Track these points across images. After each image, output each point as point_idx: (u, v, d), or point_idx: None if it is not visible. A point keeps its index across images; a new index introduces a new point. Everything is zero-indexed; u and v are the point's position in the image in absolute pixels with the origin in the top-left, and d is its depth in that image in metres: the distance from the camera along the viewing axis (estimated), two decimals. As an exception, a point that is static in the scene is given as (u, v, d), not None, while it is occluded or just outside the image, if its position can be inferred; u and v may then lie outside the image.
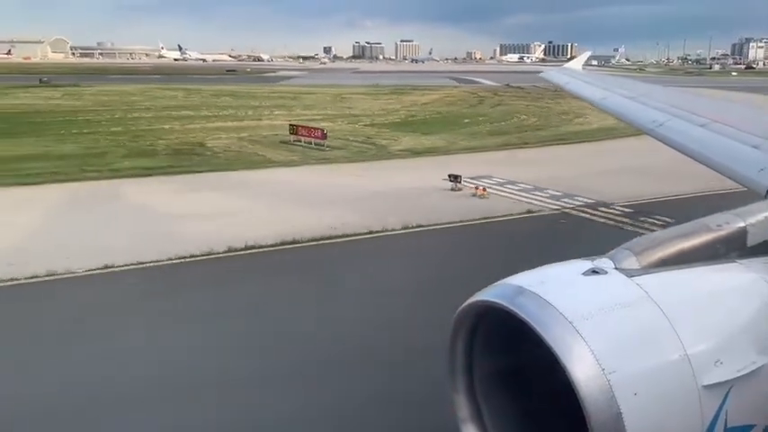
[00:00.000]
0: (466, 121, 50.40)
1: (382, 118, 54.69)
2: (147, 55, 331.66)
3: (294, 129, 40.03)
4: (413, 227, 21.30)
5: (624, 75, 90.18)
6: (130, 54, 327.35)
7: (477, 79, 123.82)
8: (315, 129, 39.18)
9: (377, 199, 25.28)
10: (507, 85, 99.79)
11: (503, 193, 25.99)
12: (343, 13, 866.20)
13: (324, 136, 37.29)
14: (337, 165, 33.87)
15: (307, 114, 55.90)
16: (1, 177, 27.83)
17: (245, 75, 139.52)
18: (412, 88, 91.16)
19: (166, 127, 46.44)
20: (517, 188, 26.87)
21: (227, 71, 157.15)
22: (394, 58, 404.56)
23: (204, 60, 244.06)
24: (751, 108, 11.86)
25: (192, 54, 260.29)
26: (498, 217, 22.69)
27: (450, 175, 26.59)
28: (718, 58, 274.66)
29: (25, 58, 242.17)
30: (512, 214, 23.25)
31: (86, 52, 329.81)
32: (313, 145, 37.59)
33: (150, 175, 30.36)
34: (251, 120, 52.23)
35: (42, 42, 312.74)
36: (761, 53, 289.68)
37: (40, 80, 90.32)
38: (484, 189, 25.72)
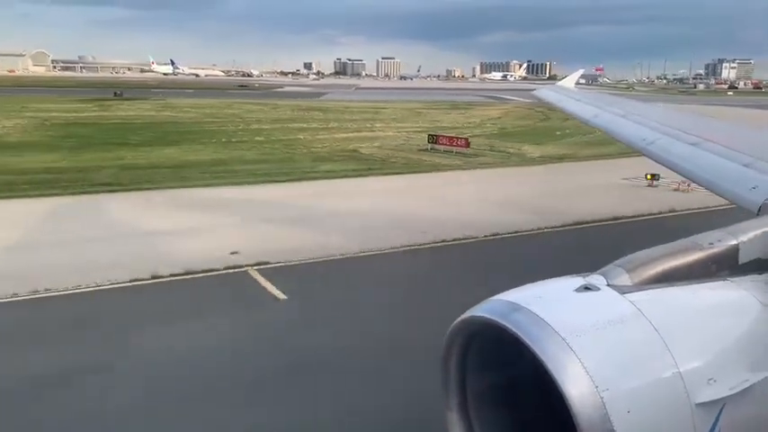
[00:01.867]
0: (557, 133, 53.46)
1: (477, 130, 55.90)
2: (129, 69, 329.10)
3: (434, 138, 42.20)
4: (661, 212, 24.25)
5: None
6: (113, 68, 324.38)
7: (506, 96, 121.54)
8: (458, 138, 42.60)
9: (598, 190, 28.53)
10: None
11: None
12: (321, 30, 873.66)
13: (468, 144, 40.74)
14: (503, 168, 36.02)
15: (406, 126, 57.76)
16: (231, 176, 30.27)
17: (262, 90, 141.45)
18: (452, 105, 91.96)
19: (300, 137, 47.48)
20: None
21: (240, 86, 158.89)
22: (375, 74, 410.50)
23: (197, 75, 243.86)
24: (741, 126, 11.87)
25: (185, 69, 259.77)
26: (719, 206, 26.33)
27: (648, 174, 29.05)
28: (696, 78, 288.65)
29: (9, 71, 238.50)
30: (721, 205, 27.13)
31: (68, 66, 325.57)
32: (454, 153, 39.86)
33: (365, 175, 32.14)
34: (365, 131, 53.11)
35: (23, 55, 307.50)
36: (733, 73, 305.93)
37: (115, 93, 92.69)
38: (688, 184, 29.09)
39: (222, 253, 17.60)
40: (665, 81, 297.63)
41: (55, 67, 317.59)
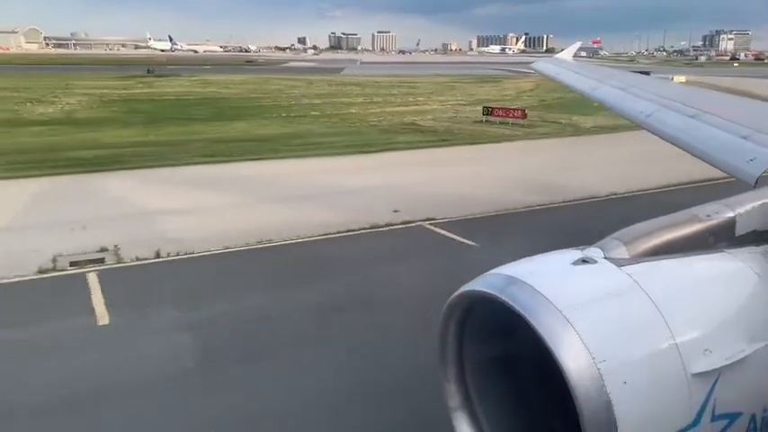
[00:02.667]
0: (595, 105, 55.42)
1: (517, 102, 55.74)
2: (123, 46, 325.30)
3: (489, 110, 42.75)
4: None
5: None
6: (107, 45, 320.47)
7: (523, 69, 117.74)
8: (514, 109, 44.18)
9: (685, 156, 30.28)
10: None
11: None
12: (313, 3, 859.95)
13: (524, 116, 42.34)
14: (569, 138, 36.92)
15: (447, 100, 57.71)
16: (318, 148, 31.10)
17: (271, 66, 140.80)
18: (479, 79, 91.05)
19: (353, 111, 47.61)
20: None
21: (247, 62, 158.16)
22: (371, 49, 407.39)
23: (195, 51, 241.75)
24: (740, 98, 11.67)
25: (183, 45, 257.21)
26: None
27: None
28: (696, 50, 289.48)
29: (3, 49, 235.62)
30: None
31: (61, 43, 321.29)
32: (510, 124, 40.64)
33: (442, 146, 32.80)
34: (411, 105, 52.99)
35: (16, 32, 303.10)
36: (731, 45, 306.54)
37: (148, 70, 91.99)
38: None
39: (386, 210, 18.95)
40: (664, 53, 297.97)
41: (48, 45, 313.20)
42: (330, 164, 27.81)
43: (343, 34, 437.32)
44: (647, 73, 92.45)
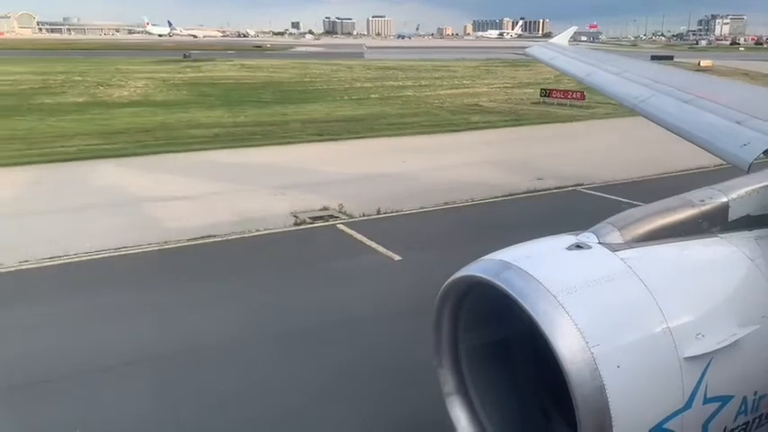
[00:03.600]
0: None
1: (560, 85, 54.36)
2: (117, 31, 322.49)
3: (547, 92, 44.26)
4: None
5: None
6: (101, 30, 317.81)
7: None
8: (573, 91, 46.09)
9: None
10: None
11: None
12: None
13: (583, 97, 44.28)
14: (630, 118, 37.88)
15: (493, 83, 58.38)
16: (407, 127, 32.08)
17: (280, 51, 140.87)
18: (510, 63, 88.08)
19: (409, 94, 48.42)
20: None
21: (255, 47, 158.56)
22: (366, 33, 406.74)
23: (195, 36, 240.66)
24: (734, 83, 11.30)
25: (181, 30, 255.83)
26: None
27: None
28: (696, 34, 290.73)
29: None
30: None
31: (54, 28, 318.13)
32: (568, 105, 41.08)
33: (519, 125, 33.66)
34: (461, 88, 53.48)
35: (9, 17, 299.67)
36: (726, 29, 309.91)
37: (184, 55, 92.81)
38: None
39: (531, 178, 20.34)
40: (663, 38, 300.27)
41: (41, 30, 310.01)
42: (436, 141, 28.98)
43: (338, 19, 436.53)
44: (670, 57, 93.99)
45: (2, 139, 27.32)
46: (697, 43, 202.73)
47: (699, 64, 76.62)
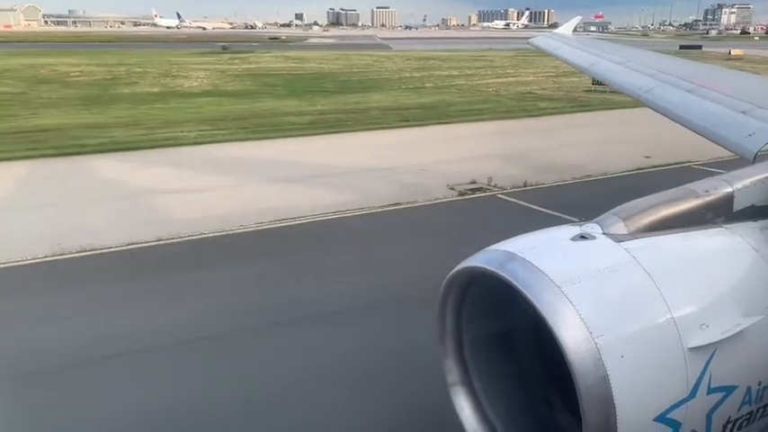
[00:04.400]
0: None
1: None
2: (122, 23, 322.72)
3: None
4: None
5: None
6: (106, 22, 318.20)
7: None
8: None
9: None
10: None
11: None
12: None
13: None
14: None
15: (536, 72, 58.56)
16: (482, 114, 33.03)
17: (298, 42, 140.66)
18: (542, 53, 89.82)
19: (461, 83, 49.10)
20: None
21: (271, 39, 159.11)
22: (370, 24, 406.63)
23: (203, 28, 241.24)
24: (740, 73, 12.26)
25: (190, 22, 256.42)
26: None
27: None
28: (705, 24, 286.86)
29: (6, 27, 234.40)
30: None
31: (60, 20, 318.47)
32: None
33: (589, 111, 34.82)
34: (508, 77, 54.00)
35: (15, 10, 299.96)
36: (733, 18, 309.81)
37: (223, 47, 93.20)
38: None
39: (639, 155, 21.67)
40: (671, 27, 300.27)
41: (47, 22, 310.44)
42: (525, 125, 30.06)
43: (342, 10, 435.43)
44: (698, 47, 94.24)
45: (119, 125, 28.98)
46: (707, 33, 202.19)
47: (730, 53, 76.95)
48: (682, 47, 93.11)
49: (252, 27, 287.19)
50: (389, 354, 8.86)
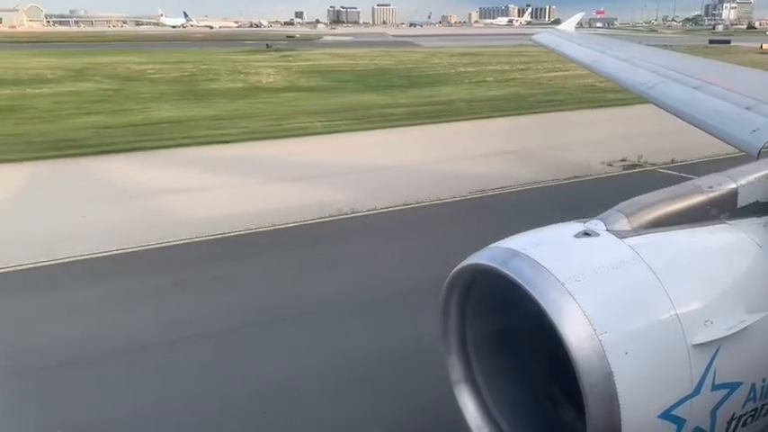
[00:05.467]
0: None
1: None
2: (125, 23, 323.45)
3: None
4: None
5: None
6: (108, 22, 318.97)
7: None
8: None
9: None
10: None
11: None
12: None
13: None
14: None
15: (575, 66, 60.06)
16: (560, 105, 34.19)
17: (312, 40, 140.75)
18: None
19: (518, 77, 49.58)
20: None
21: (287, 37, 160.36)
22: (371, 22, 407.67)
23: (211, 27, 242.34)
24: (743, 69, 12.20)
25: (198, 22, 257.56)
26: None
27: None
28: (711, 18, 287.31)
29: (11, 27, 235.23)
30: None
31: (63, 20, 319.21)
32: None
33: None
34: (557, 71, 52.58)
35: (17, 10, 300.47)
36: (733, 13, 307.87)
37: (267, 45, 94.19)
38: None
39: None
40: (675, 22, 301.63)
41: (49, 22, 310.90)
42: (614, 113, 30.57)
43: (343, 8, 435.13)
44: (727, 41, 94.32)
45: (241, 117, 30.64)
46: (714, 28, 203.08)
47: (762, 47, 76.34)
48: (711, 41, 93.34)
49: (258, 26, 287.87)
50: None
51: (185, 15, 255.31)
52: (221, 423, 7.64)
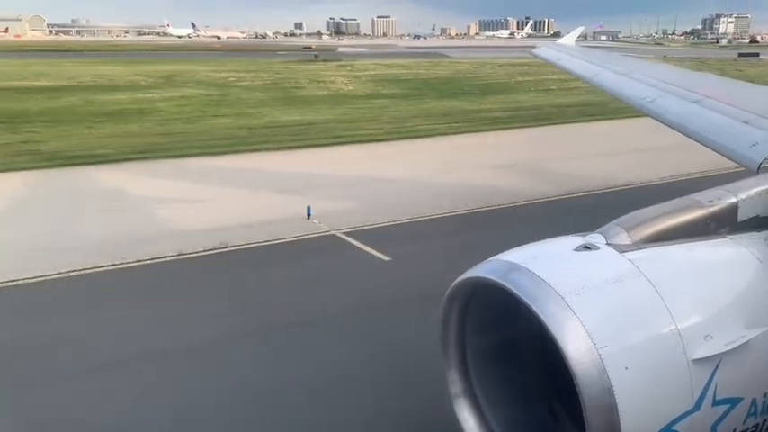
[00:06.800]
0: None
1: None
2: (126, 32, 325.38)
3: None
4: None
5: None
6: (109, 32, 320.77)
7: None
8: None
9: None
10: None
11: None
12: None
13: None
14: None
15: None
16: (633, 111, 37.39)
17: (329, 51, 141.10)
18: None
19: (579, 84, 51.35)
20: None
21: (304, 48, 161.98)
22: (370, 34, 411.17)
23: (218, 38, 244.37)
24: (742, 84, 12.12)
25: (206, 32, 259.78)
26: None
27: None
28: (711, 33, 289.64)
29: (16, 36, 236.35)
30: None
31: (65, 30, 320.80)
32: None
33: None
34: None
35: (20, 20, 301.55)
36: (731, 27, 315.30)
37: (315, 56, 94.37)
38: None
39: None
40: (674, 36, 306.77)
41: (51, 32, 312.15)
42: None
43: (342, 19, 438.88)
44: (756, 54, 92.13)
45: (360, 120, 32.10)
46: (717, 41, 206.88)
47: None
48: (741, 54, 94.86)
49: (263, 36, 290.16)
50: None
51: (193, 26, 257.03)
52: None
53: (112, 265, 12.63)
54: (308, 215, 15.59)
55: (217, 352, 9.21)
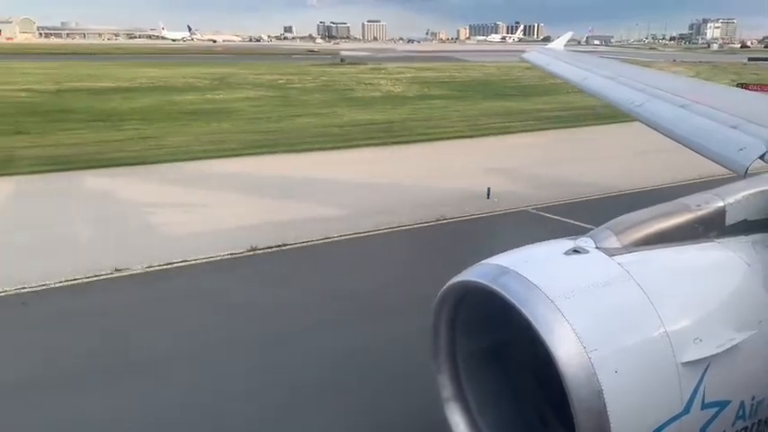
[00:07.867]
0: None
1: (724, 80, 55.69)
2: (116, 35, 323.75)
3: (744, 85, 44.51)
4: None
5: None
6: (100, 34, 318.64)
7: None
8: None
9: None
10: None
11: None
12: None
13: None
14: None
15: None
16: None
17: (331, 54, 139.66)
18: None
19: None
20: None
21: (308, 51, 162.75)
22: (360, 38, 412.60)
23: (214, 41, 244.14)
24: (728, 88, 11.34)
25: (202, 35, 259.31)
26: None
27: None
28: (702, 38, 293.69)
29: (8, 39, 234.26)
30: None
31: (55, 32, 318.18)
32: None
33: None
34: None
35: (10, 22, 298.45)
36: (717, 33, 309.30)
37: (341, 60, 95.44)
38: None
39: None
40: (666, 41, 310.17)
41: (41, 35, 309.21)
42: None
43: (332, 23, 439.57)
44: (766, 59, 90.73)
45: (433, 119, 33.90)
46: (709, 46, 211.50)
47: None
48: (750, 59, 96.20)
49: (258, 40, 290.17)
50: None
51: (189, 29, 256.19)
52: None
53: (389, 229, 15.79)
54: (488, 195, 17.02)
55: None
